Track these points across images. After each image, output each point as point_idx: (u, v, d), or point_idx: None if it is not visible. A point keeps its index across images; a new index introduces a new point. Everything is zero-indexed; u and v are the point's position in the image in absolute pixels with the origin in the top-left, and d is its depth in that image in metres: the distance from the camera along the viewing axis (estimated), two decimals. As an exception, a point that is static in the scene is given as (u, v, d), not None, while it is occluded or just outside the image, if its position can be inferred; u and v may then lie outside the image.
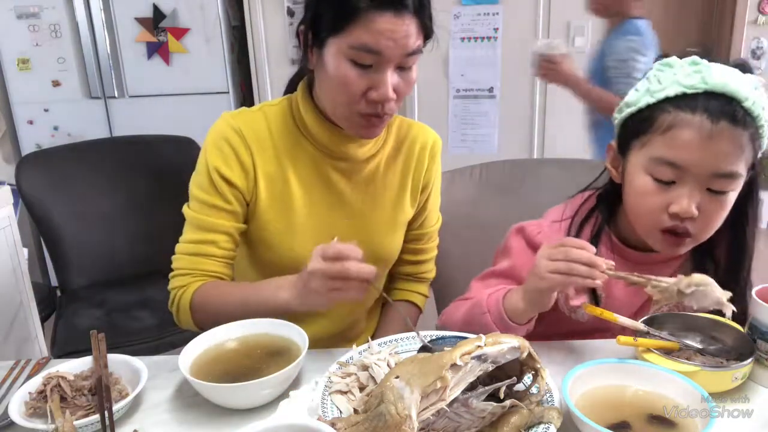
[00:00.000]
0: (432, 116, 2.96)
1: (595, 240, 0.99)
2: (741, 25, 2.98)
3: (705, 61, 0.86)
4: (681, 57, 0.89)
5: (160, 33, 2.90)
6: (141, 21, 2.89)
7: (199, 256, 1.02)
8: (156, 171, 2.08)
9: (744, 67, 0.87)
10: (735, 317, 0.85)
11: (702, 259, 0.96)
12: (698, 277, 0.81)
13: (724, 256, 0.97)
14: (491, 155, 2.46)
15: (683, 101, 0.85)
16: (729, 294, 0.81)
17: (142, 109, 3.00)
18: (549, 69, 2.01)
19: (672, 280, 0.82)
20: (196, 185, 1.03)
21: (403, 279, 1.24)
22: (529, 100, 2.96)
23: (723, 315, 0.82)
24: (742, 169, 0.85)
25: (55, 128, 3.05)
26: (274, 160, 1.04)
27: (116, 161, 2.10)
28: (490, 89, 2.98)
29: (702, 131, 0.83)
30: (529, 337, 0.96)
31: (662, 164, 0.87)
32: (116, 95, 3.00)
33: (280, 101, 1.08)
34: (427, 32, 0.95)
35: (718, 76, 0.84)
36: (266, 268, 1.09)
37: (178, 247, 1.04)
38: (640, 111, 0.90)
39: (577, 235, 1.00)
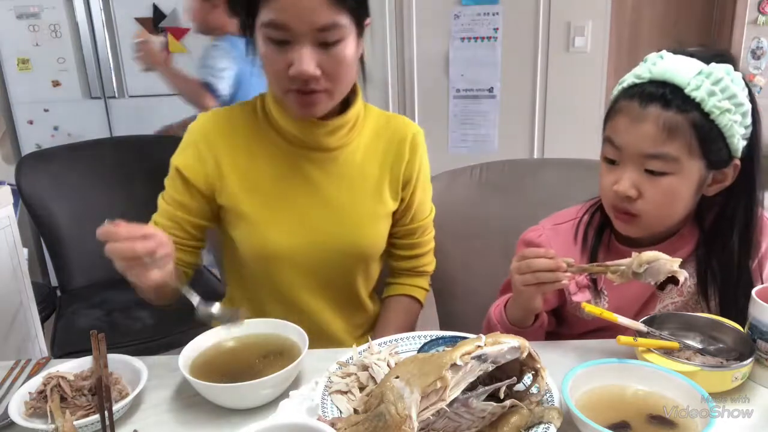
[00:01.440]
0: (432, 116, 2.96)
1: (597, 240, 1.01)
2: (741, 25, 2.98)
3: (670, 54, 0.90)
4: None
5: (160, 33, 2.90)
6: (141, 21, 2.89)
7: None
8: (156, 171, 2.08)
9: (723, 57, 0.88)
10: (737, 318, 0.85)
11: (707, 257, 0.96)
12: (648, 254, 0.85)
13: (726, 255, 0.95)
14: (491, 155, 2.46)
15: (631, 90, 0.91)
16: (679, 260, 0.85)
17: (142, 109, 3.00)
18: (143, 51, 2.27)
19: (627, 261, 0.86)
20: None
21: (402, 274, 1.23)
22: (529, 100, 2.96)
23: (677, 283, 0.86)
24: (675, 151, 0.87)
25: (55, 128, 3.05)
26: (246, 154, 1.06)
27: (116, 161, 2.10)
28: (490, 89, 2.98)
29: (631, 114, 0.89)
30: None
31: (608, 144, 0.93)
32: (116, 95, 3.00)
33: (254, 99, 1.11)
34: (349, 7, 0.93)
35: (662, 65, 0.88)
36: (245, 263, 1.09)
37: None
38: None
39: (584, 234, 1.02)
